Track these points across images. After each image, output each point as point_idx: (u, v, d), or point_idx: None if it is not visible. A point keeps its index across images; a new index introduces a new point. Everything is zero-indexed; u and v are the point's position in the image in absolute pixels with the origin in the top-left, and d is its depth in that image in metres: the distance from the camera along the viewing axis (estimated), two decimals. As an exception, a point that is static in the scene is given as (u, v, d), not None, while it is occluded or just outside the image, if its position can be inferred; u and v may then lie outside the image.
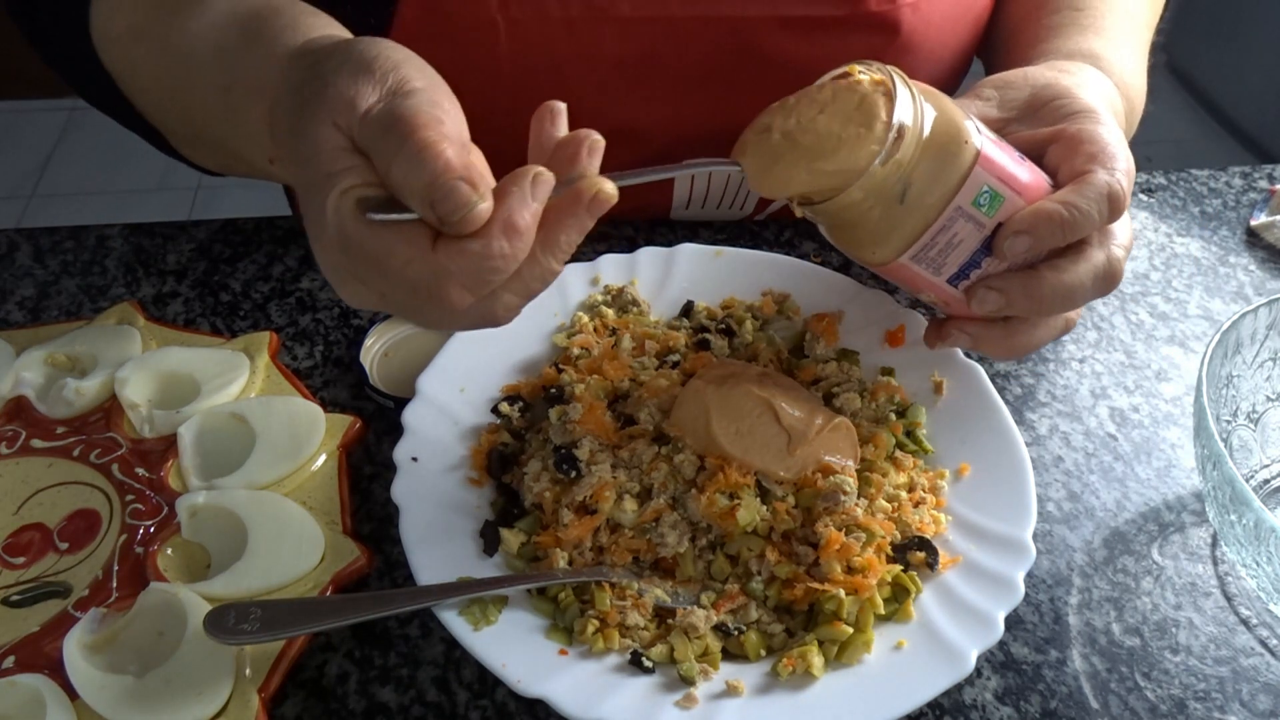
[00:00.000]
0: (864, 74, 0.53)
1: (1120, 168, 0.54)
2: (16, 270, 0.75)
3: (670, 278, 0.69)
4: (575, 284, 0.68)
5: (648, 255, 0.70)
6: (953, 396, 0.63)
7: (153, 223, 0.79)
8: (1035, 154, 0.56)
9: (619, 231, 0.80)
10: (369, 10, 0.65)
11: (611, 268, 0.69)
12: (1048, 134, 0.56)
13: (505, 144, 0.72)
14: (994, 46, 0.79)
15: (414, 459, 0.57)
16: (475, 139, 0.65)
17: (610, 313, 0.67)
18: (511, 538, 0.55)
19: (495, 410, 0.61)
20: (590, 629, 0.51)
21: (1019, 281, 0.54)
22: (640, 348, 0.64)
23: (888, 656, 0.51)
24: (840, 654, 0.51)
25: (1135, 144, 0.62)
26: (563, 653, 0.51)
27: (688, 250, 0.70)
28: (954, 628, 0.52)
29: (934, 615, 0.53)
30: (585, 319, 0.66)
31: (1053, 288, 0.54)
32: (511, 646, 0.50)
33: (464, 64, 0.67)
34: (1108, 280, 0.55)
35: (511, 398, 0.61)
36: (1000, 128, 0.58)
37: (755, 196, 0.79)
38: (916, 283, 0.55)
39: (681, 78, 0.70)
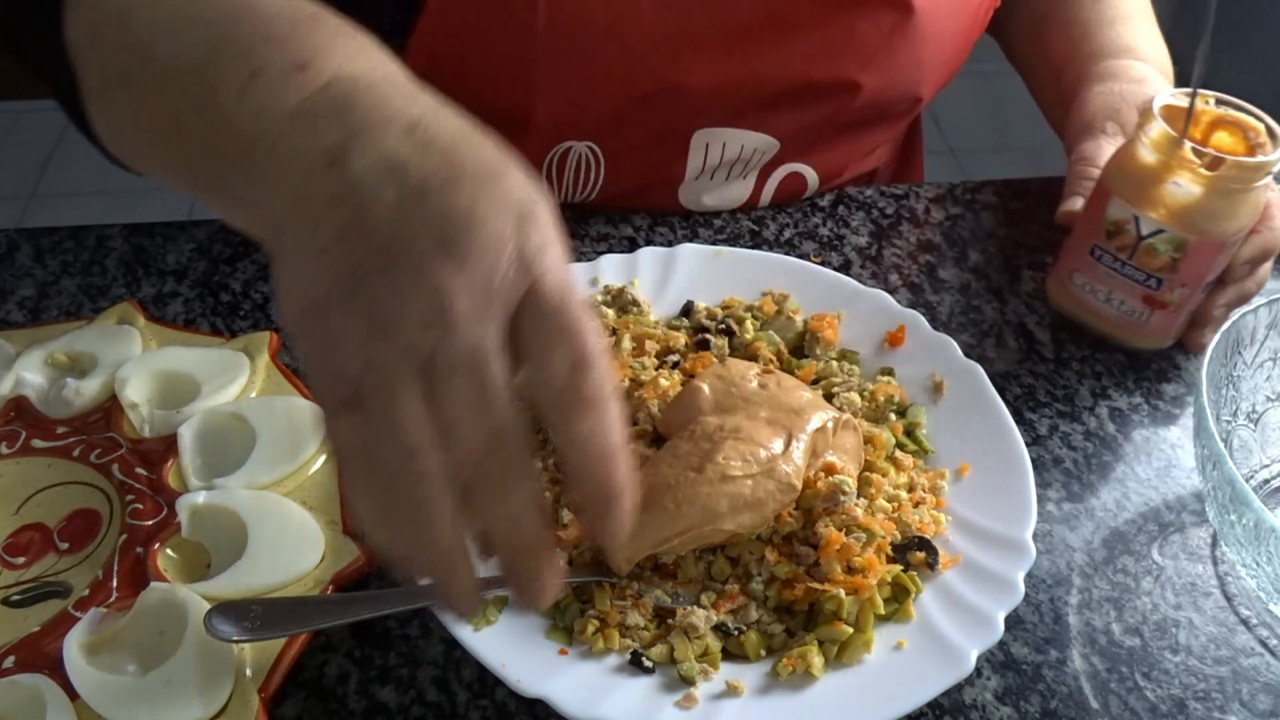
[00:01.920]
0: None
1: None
2: (16, 270, 0.75)
3: (670, 278, 0.69)
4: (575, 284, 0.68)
5: (648, 255, 0.70)
6: (953, 396, 0.63)
7: (153, 223, 0.79)
8: None
9: (619, 231, 0.80)
10: None
11: (611, 268, 0.69)
12: None
13: (533, 107, 0.72)
14: (1020, 32, 0.92)
15: None
16: (508, 100, 0.65)
17: (610, 313, 0.66)
18: None
19: None
20: (590, 629, 0.51)
21: (1233, 291, 0.70)
22: (640, 348, 0.64)
23: (888, 656, 0.51)
24: (840, 654, 0.51)
25: (1135, 144, 0.66)
26: (563, 653, 0.51)
27: (688, 250, 0.70)
28: (954, 628, 0.52)
29: (934, 615, 0.53)
30: None
31: (1256, 283, 0.71)
32: (511, 646, 0.50)
33: (501, 27, 0.69)
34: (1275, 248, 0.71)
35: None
36: None
37: (758, 166, 0.80)
38: (1200, 270, 0.67)
39: (711, 45, 0.72)
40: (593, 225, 0.80)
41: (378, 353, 0.37)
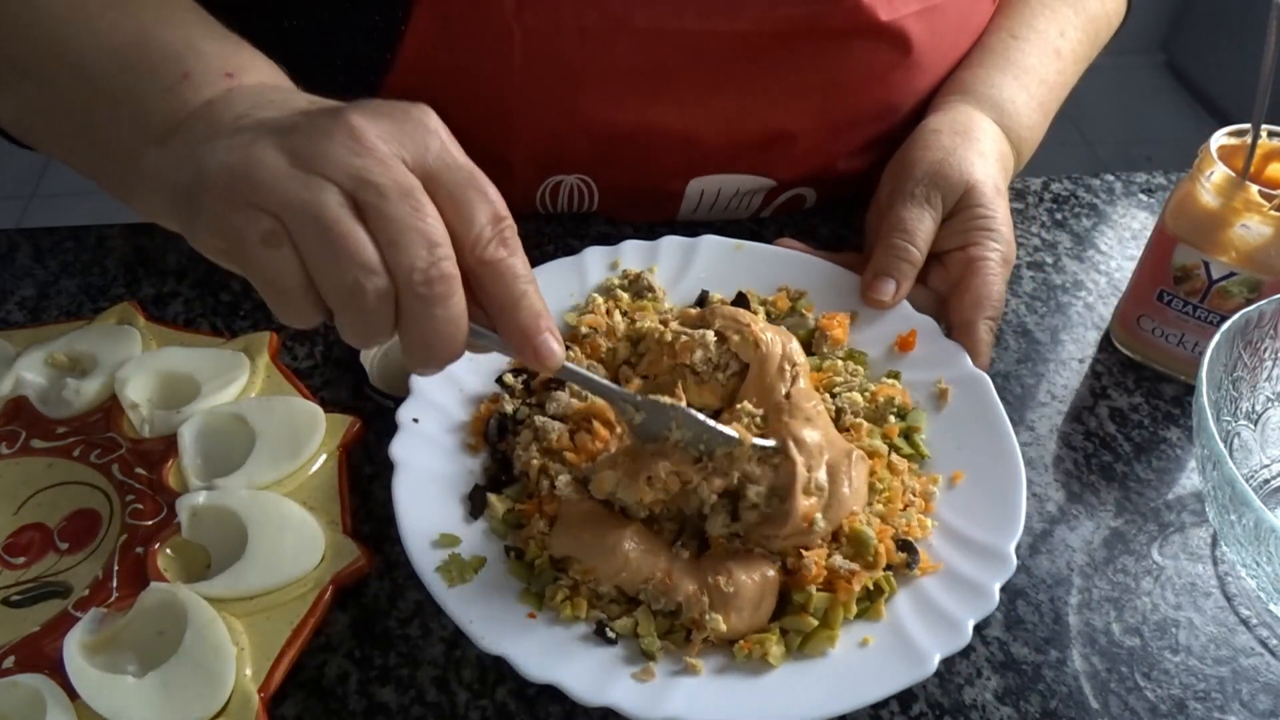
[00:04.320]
0: None
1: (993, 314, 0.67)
2: (16, 270, 0.75)
3: (689, 267, 0.69)
4: (595, 267, 0.68)
5: (669, 244, 0.70)
6: (957, 404, 0.62)
7: (153, 223, 0.78)
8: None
9: (619, 232, 0.80)
10: (383, 12, 0.65)
11: (633, 253, 0.69)
12: (959, 274, 0.68)
13: (514, 147, 0.72)
14: None
15: (415, 420, 0.58)
16: (485, 141, 0.66)
17: (625, 297, 0.67)
18: (498, 503, 0.56)
19: (499, 381, 0.62)
20: (560, 595, 0.52)
21: None
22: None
23: (852, 652, 0.51)
24: (804, 645, 0.51)
25: (1137, 143, 0.65)
26: (531, 616, 0.51)
27: (710, 241, 0.70)
28: (921, 630, 0.51)
29: (904, 616, 0.52)
30: (600, 300, 0.66)
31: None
32: (481, 605, 0.51)
33: (477, 69, 0.68)
34: None
35: (517, 370, 0.62)
36: (939, 239, 0.69)
37: (761, 198, 0.79)
38: None
39: (693, 87, 0.70)
40: (593, 225, 0.80)
41: (301, 181, 0.41)
